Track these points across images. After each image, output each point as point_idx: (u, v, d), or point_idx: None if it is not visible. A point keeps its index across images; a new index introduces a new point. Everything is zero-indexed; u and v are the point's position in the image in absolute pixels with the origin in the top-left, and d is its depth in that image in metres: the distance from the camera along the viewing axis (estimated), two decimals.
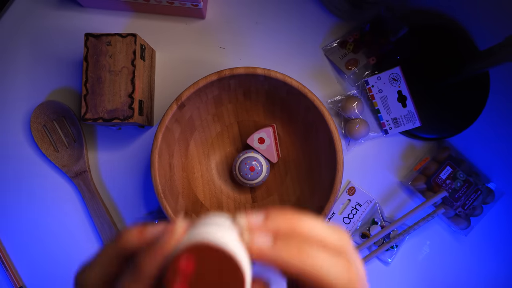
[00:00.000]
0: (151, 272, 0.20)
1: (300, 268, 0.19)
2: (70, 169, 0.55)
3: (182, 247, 0.19)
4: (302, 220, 0.21)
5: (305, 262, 0.19)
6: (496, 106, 0.55)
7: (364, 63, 0.55)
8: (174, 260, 0.19)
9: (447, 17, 0.56)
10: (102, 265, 0.22)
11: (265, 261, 0.20)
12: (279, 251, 0.20)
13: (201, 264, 0.18)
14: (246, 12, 0.57)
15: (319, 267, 0.20)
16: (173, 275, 0.18)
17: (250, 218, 0.21)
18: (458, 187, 0.53)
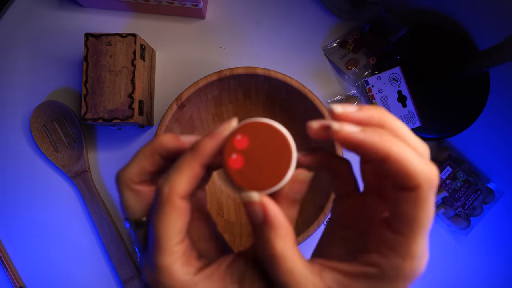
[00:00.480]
0: (208, 151, 0.22)
1: (387, 151, 0.19)
2: (70, 169, 0.55)
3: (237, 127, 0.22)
4: (394, 119, 0.21)
5: (393, 148, 0.19)
6: (496, 106, 0.55)
7: (364, 63, 0.55)
8: (230, 137, 0.21)
9: (447, 17, 0.56)
10: (139, 161, 0.24)
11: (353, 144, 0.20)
12: (368, 134, 0.20)
13: (253, 139, 0.21)
14: (246, 12, 0.57)
15: (407, 155, 0.19)
16: (230, 148, 0.21)
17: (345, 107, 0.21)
18: (458, 187, 0.53)
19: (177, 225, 0.22)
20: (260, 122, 0.22)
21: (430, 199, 0.20)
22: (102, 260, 0.55)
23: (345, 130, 0.20)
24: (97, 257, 0.55)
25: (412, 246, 0.20)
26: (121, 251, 0.54)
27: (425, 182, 0.19)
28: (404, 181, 0.20)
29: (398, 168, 0.19)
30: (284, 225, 0.21)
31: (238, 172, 0.21)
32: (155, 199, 0.23)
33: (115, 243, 0.54)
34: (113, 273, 0.55)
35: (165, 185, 0.22)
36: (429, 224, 0.20)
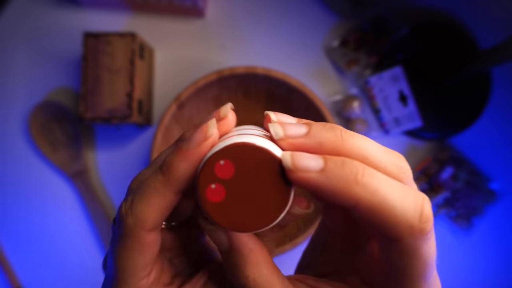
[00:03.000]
0: (182, 174, 0.18)
1: (356, 199, 0.15)
2: (69, 168, 0.54)
3: (217, 149, 0.17)
4: (353, 137, 0.17)
5: (362, 194, 0.15)
6: (498, 105, 0.55)
7: (365, 62, 0.54)
8: (208, 162, 0.17)
9: (449, 16, 0.56)
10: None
11: (312, 187, 0.16)
12: (331, 176, 0.15)
13: (241, 166, 0.16)
14: (246, 11, 0.56)
15: (382, 200, 0.15)
16: (208, 175, 0.17)
17: (287, 128, 0.17)
18: (460, 187, 0.52)
19: (143, 260, 0.19)
20: (251, 145, 0.16)
21: (422, 247, 0.16)
22: (101, 260, 0.54)
23: (298, 169, 0.16)
24: (96, 257, 0.54)
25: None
26: None
27: (408, 233, 0.16)
28: (383, 231, 0.16)
29: (373, 218, 0.16)
30: (255, 249, 0.18)
31: (217, 207, 0.17)
32: (115, 230, 0.19)
33: None
34: None
35: (129, 215, 0.18)
36: (432, 266, 0.17)
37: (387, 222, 0.16)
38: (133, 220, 0.18)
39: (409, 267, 0.16)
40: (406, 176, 0.17)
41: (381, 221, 0.16)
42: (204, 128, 0.17)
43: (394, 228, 0.16)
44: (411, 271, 0.17)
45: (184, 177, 0.18)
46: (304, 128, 0.17)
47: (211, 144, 0.17)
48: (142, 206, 0.18)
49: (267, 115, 0.18)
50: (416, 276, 0.17)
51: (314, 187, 0.16)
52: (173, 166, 0.18)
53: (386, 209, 0.15)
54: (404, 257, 0.16)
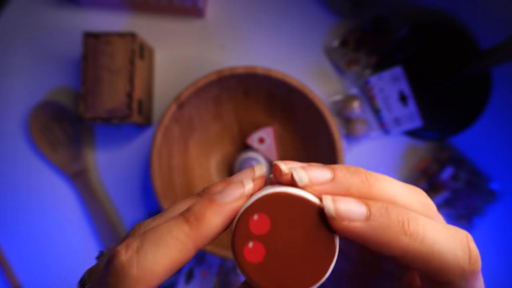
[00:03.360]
0: (212, 229, 0.15)
1: (404, 248, 0.14)
2: (69, 168, 0.54)
3: (249, 203, 0.15)
4: (378, 180, 0.16)
5: (411, 244, 0.14)
6: (498, 105, 0.55)
7: (365, 62, 0.54)
8: (241, 218, 0.15)
9: (449, 16, 0.56)
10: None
11: (357, 237, 0.15)
12: (378, 226, 0.14)
13: (277, 218, 0.15)
14: (246, 11, 0.56)
15: (431, 243, 0.14)
16: (243, 233, 0.15)
17: (311, 173, 0.16)
18: (460, 187, 0.52)
19: None
20: (285, 193, 0.15)
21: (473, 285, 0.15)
22: None
23: (343, 220, 0.14)
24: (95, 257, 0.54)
25: None
26: None
27: (460, 276, 0.15)
28: (433, 277, 0.15)
29: (422, 266, 0.15)
30: None
31: (258, 268, 0.15)
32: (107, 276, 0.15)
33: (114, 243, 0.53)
34: None
35: (134, 265, 0.14)
36: None
37: (437, 268, 0.15)
38: (139, 271, 0.14)
39: None
40: (432, 213, 0.17)
41: (431, 268, 0.15)
42: (240, 184, 0.16)
43: (445, 274, 0.15)
44: None
45: (214, 233, 0.15)
46: (328, 173, 0.16)
47: (247, 199, 0.16)
48: (155, 255, 0.15)
49: (276, 166, 0.17)
50: None
51: (359, 238, 0.15)
52: (204, 218, 0.15)
53: (436, 257, 0.15)
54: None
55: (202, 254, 0.53)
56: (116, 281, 0.14)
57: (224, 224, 0.16)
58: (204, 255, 0.53)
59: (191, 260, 0.53)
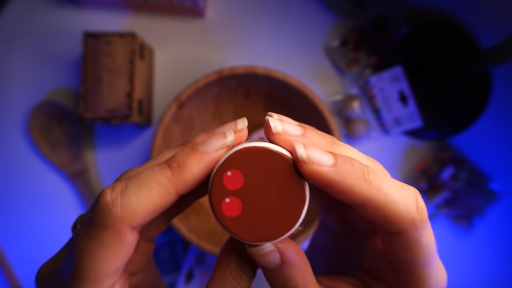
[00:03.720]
0: (193, 175, 0.16)
1: (364, 194, 0.16)
2: (69, 169, 0.54)
3: (229, 155, 0.16)
4: (341, 146, 0.18)
5: (370, 191, 0.16)
6: (498, 105, 0.55)
7: (365, 62, 0.54)
8: (217, 172, 0.16)
9: (449, 15, 0.56)
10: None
11: (324, 182, 0.16)
12: (343, 172, 0.16)
13: (249, 172, 0.16)
14: (246, 11, 0.56)
15: (387, 192, 0.16)
16: (219, 190, 0.16)
17: (285, 124, 0.17)
18: (460, 187, 0.52)
19: (115, 263, 0.16)
20: (254, 147, 0.16)
21: (423, 236, 0.17)
22: None
23: (313, 164, 0.16)
24: None
25: (422, 282, 0.18)
26: None
27: (410, 225, 0.16)
28: (386, 227, 0.17)
29: (378, 215, 0.17)
30: (302, 256, 0.18)
31: (236, 221, 0.16)
32: (91, 215, 0.16)
33: None
34: None
35: (117, 204, 0.15)
36: (433, 252, 0.18)
37: (391, 217, 0.16)
38: (122, 211, 0.15)
39: (414, 256, 0.17)
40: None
41: (386, 217, 0.16)
42: (222, 135, 0.17)
43: (397, 223, 0.16)
44: (417, 260, 0.17)
45: (194, 179, 0.16)
46: (299, 130, 0.17)
47: (228, 149, 0.17)
48: (138, 197, 0.15)
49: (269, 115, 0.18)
50: (422, 264, 0.17)
51: (326, 182, 0.16)
52: (186, 165, 0.16)
53: (390, 206, 0.16)
54: (409, 248, 0.17)
55: (202, 254, 0.53)
56: (101, 219, 0.15)
57: (204, 172, 0.16)
58: (204, 255, 0.53)
59: (191, 260, 0.53)
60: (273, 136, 0.17)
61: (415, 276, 0.18)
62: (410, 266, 0.18)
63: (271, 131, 0.17)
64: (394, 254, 0.18)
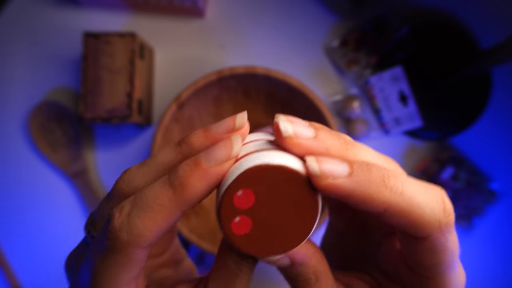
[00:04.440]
0: (197, 194, 0.16)
1: (386, 202, 0.15)
2: (69, 169, 0.54)
3: (235, 175, 0.15)
4: (356, 146, 0.17)
5: (392, 197, 0.15)
6: (498, 105, 0.55)
7: (365, 62, 0.54)
8: (227, 192, 0.15)
9: (449, 15, 0.56)
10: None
11: (341, 194, 0.15)
12: (361, 182, 0.15)
13: (260, 191, 0.15)
14: (246, 11, 0.56)
15: (410, 197, 0.15)
16: (229, 209, 0.15)
17: (296, 126, 0.16)
18: (460, 187, 0.52)
19: (127, 276, 0.17)
20: (267, 165, 0.15)
21: (449, 240, 0.16)
22: None
23: (327, 178, 0.15)
24: None
25: (442, 285, 0.17)
26: None
27: (437, 229, 0.16)
28: (411, 232, 0.16)
29: (402, 221, 0.16)
30: (315, 252, 0.18)
31: (246, 238, 0.16)
32: (102, 239, 0.16)
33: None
34: None
35: (123, 231, 0.15)
36: (456, 257, 0.17)
37: (417, 222, 0.15)
38: (128, 237, 0.15)
39: (438, 261, 0.16)
40: None
41: (411, 222, 0.16)
42: (228, 144, 0.16)
43: (423, 228, 0.16)
44: (440, 264, 0.17)
45: (199, 198, 0.16)
46: (311, 131, 0.16)
47: (233, 163, 0.16)
48: (143, 222, 0.15)
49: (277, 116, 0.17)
50: (445, 268, 0.17)
51: (343, 194, 0.15)
52: (188, 185, 0.15)
53: (415, 210, 0.15)
54: (434, 253, 0.16)
55: (202, 254, 0.53)
56: (111, 244, 0.16)
57: (209, 189, 0.16)
58: (204, 255, 0.53)
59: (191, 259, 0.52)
60: (284, 140, 0.16)
61: (437, 280, 0.17)
62: (433, 270, 0.17)
63: (281, 135, 0.16)
64: (417, 259, 0.17)
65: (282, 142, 0.16)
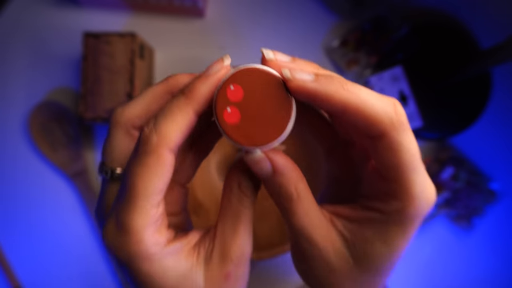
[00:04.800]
0: (203, 95, 0.20)
1: (343, 100, 0.19)
2: (69, 168, 0.54)
3: (229, 74, 0.20)
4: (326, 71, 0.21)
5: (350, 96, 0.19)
6: (498, 105, 0.55)
7: (365, 62, 0.54)
8: (222, 87, 0.20)
9: (449, 15, 0.56)
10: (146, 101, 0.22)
11: (308, 94, 0.19)
12: (323, 83, 0.19)
13: (248, 88, 0.20)
14: (246, 11, 0.56)
15: (366, 102, 0.19)
16: (223, 101, 0.20)
17: (276, 54, 0.21)
18: (460, 187, 0.52)
19: (159, 183, 0.19)
20: (253, 68, 0.20)
21: (404, 137, 0.19)
22: (101, 261, 0.54)
23: (296, 79, 0.19)
24: (96, 257, 0.54)
25: (409, 189, 0.19)
26: None
27: (390, 126, 0.19)
28: (369, 131, 0.19)
29: (357, 119, 0.19)
30: (295, 168, 0.21)
31: (235, 128, 0.19)
32: (137, 148, 0.20)
33: None
34: (112, 273, 0.54)
35: (153, 133, 0.19)
36: (417, 158, 0.19)
37: (371, 119, 0.19)
38: (157, 137, 0.19)
39: (398, 159, 0.19)
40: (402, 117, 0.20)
41: (366, 119, 0.19)
42: (220, 60, 0.21)
43: (377, 124, 0.19)
44: (401, 164, 0.19)
45: (204, 97, 0.20)
46: (289, 58, 0.21)
47: (226, 71, 0.21)
48: (167, 123, 0.19)
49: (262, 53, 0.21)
50: (406, 168, 0.19)
51: (309, 93, 0.19)
52: (195, 89, 0.20)
53: (369, 108, 0.19)
54: (392, 150, 0.19)
55: None
56: (144, 148, 0.19)
57: (210, 90, 0.20)
58: None
59: None
60: (266, 62, 0.21)
61: (401, 181, 0.19)
62: (396, 170, 0.19)
63: (265, 58, 0.21)
64: (381, 161, 0.20)
65: (265, 64, 0.21)
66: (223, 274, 0.22)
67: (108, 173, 0.23)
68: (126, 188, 0.20)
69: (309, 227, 0.21)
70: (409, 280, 0.55)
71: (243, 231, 0.22)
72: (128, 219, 0.19)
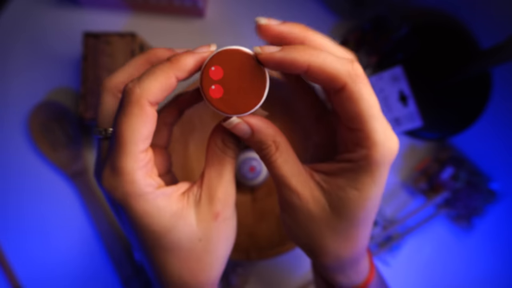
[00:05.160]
0: (185, 65, 0.22)
1: (306, 63, 0.21)
2: (69, 168, 0.54)
3: (209, 57, 0.23)
4: (314, 33, 0.23)
5: (311, 58, 0.21)
6: (498, 105, 0.55)
7: (365, 62, 0.54)
8: (205, 69, 0.23)
9: (449, 15, 0.56)
10: (129, 69, 0.25)
11: (275, 63, 0.22)
12: (287, 52, 0.22)
13: (227, 67, 0.23)
14: (246, 11, 0.56)
15: (324, 61, 0.21)
16: (207, 80, 0.23)
17: (269, 20, 0.23)
18: (460, 187, 0.52)
19: (143, 129, 0.22)
20: (228, 49, 0.23)
21: (362, 88, 0.21)
22: (102, 260, 0.54)
23: (265, 52, 0.22)
24: (96, 256, 0.54)
25: (371, 135, 0.22)
26: (120, 250, 0.53)
27: (348, 78, 0.21)
28: (331, 86, 0.22)
29: (321, 76, 0.22)
30: (271, 125, 0.24)
31: (219, 101, 0.23)
32: (122, 101, 0.22)
33: (114, 242, 0.53)
34: (113, 272, 0.54)
35: (136, 87, 0.22)
36: (376, 108, 0.22)
37: (331, 73, 0.21)
38: (140, 90, 0.21)
39: (359, 108, 0.22)
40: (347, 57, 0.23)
41: (327, 74, 0.21)
42: (207, 45, 0.23)
43: (337, 77, 0.21)
44: (362, 112, 0.22)
45: (186, 66, 0.22)
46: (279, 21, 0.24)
47: (210, 54, 0.23)
48: (150, 80, 0.22)
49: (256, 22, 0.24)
50: (367, 117, 0.22)
51: (277, 62, 0.22)
52: (181, 58, 0.22)
53: (328, 65, 0.21)
54: (352, 100, 0.22)
55: None
56: (128, 98, 0.22)
57: (195, 65, 0.23)
58: None
59: None
60: (260, 27, 0.24)
61: (363, 128, 0.22)
62: (357, 118, 0.22)
63: (258, 23, 0.24)
64: (345, 112, 0.22)
65: (258, 29, 0.24)
66: (212, 214, 0.24)
67: (102, 132, 0.25)
68: (115, 136, 0.22)
69: (288, 173, 0.24)
70: (409, 280, 0.55)
71: (228, 175, 0.25)
72: (119, 162, 0.22)
